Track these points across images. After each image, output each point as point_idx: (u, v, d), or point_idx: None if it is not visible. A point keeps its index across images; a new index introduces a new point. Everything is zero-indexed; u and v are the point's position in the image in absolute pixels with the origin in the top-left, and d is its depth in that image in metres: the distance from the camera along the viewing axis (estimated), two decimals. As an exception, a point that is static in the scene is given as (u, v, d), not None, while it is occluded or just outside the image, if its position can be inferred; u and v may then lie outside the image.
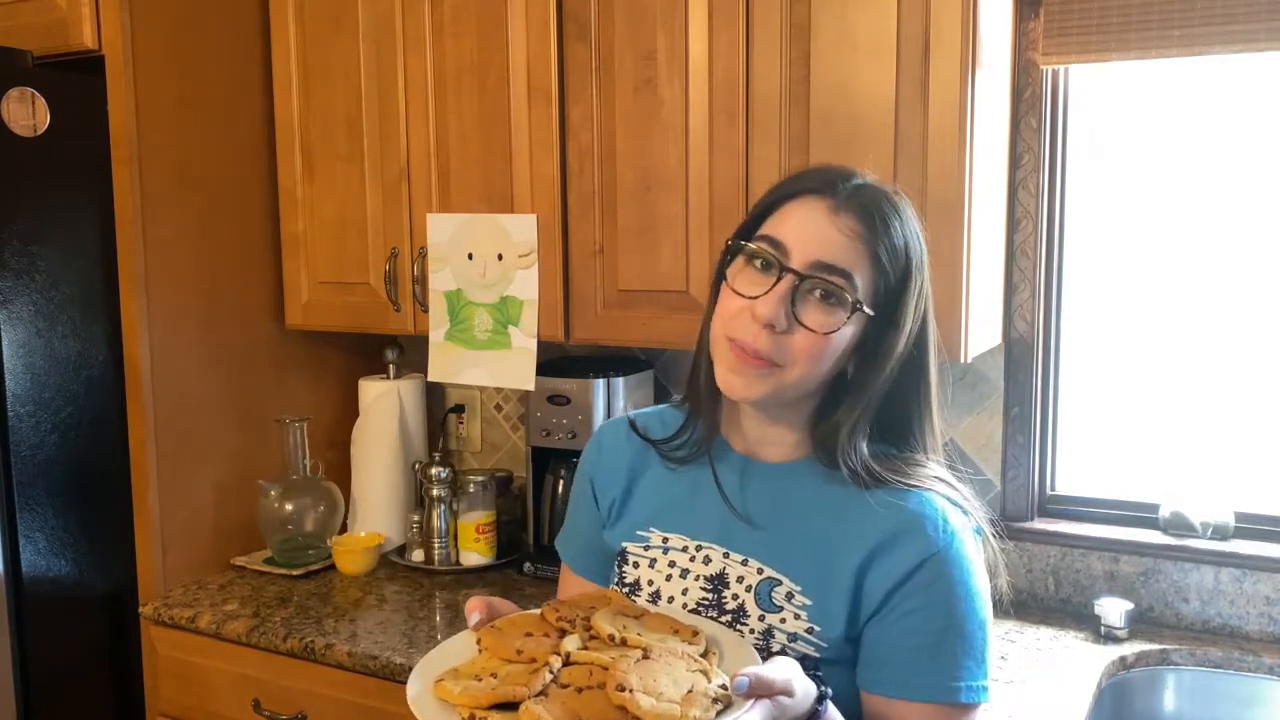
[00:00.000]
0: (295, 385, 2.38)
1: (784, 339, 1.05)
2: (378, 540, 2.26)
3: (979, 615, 1.06)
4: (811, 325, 1.04)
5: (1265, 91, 1.85)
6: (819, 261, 1.04)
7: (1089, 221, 2.00)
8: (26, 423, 1.95)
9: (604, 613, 1.04)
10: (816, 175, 1.10)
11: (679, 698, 0.90)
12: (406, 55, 2.07)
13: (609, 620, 1.02)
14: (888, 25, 1.66)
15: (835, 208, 1.05)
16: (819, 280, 1.04)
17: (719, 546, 1.13)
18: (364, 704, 1.85)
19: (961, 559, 1.06)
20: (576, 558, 1.30)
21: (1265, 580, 1.84)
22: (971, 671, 1.05)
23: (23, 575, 1.95)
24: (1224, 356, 1.94)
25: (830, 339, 1.05)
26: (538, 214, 1.97)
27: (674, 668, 0.93)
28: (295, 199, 2.24)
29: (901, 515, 1.07)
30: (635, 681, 0.90)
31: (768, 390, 1.07)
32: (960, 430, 2.04)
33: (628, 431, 1.25)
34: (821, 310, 1.05)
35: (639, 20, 1.84)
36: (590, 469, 1.28)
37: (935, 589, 1.04)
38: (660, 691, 0.89)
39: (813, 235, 1.05)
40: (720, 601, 1.11)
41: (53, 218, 1.97)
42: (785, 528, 1.11)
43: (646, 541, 1.19)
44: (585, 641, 1.00)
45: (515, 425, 2.47)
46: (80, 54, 2.00)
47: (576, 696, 0.91)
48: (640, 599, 1.16)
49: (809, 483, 1.12)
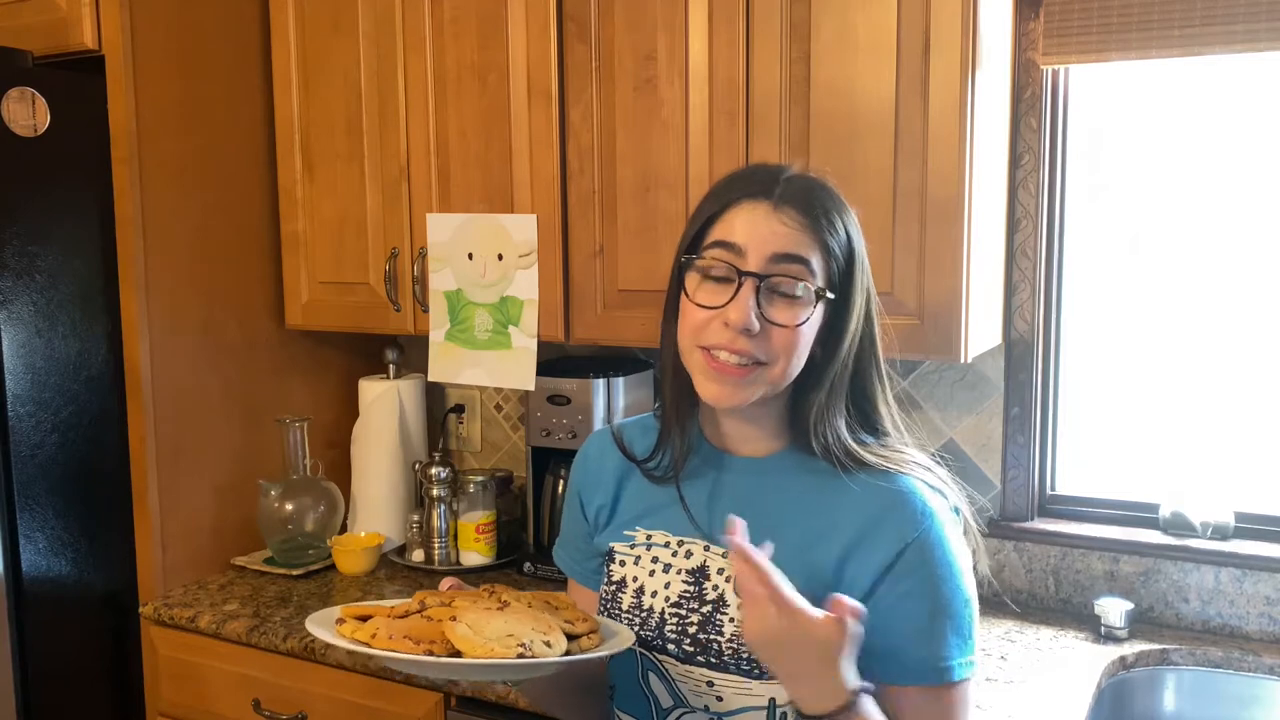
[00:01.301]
0: (295, 385, 2.38)
1: (759, 339, 1.07)
2: (378, 540, 2.26)
3: (963, 593, 1.08)
4: (783, 321, 1.08)
5: (1265, 91, 1.85)
6: (775, 255, 1.07)
7: (1089, 221, 2.00)
8: (26, 423, 1.95)
9: (529, 595, 1.12)
10: (748, 179, 1.13)
11: (497, 637, 1.00)
12: (406, 55, 2.07)
13: (518, 596, 1.11)
14: (888, 25, 1.66)
15: (775, 205, 1.09)
16: (780, 275, 1.07)
17: (700, 540, 1.16)
18: (364, 704, 1.85)
19: (942, 540, 1.08)
20: (572, 565, 1.34)
21: (1265, 580, 1.84)
22: (959, 648, 1.07)
23: (23, 575, 1.95)
24: (1224, 356, 1.94)
25: (802, 330, 1.08)
26: (538, 214, 1.97)
27: (516, 621, 1.03)
28: (295, 199, 2.24)
29: (881, 500, 1.09)
30: (468, 618, 1.02)
31: (756, 393, 1.10)
32: (960, 430, 2.04)
33: (612, 441, 1.28)
34: (787, 304, 1.08)
35: (639, 20, 1.84)
36: (578, 482, 1.32)
37: (920, 574, 1.07)
38: (484, 630, 1.01)
39: (763, 234, 1.08)
40: (701, 593, 1.14)
41: (53, 218, 1.97)
42: (765, 520, 1.12)
43: (632, 540, 1.22)
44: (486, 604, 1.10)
45: (515, 425, 2.47)
46: (80, 54, 2.00)
47: (420, 622, 1.04)
48: (626, 594, 1.20)
49: (787, 475, 1.15)
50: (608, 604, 1.22)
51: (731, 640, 1.10)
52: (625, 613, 1.19)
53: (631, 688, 1.19)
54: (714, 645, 1.11)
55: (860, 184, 1.68)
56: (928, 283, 1.68)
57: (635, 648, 1.16)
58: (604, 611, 1.22)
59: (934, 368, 2.04)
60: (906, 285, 1.69)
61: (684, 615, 1.14)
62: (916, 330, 1.69)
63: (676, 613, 1.15)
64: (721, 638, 1.11)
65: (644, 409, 2.13)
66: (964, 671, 1.07)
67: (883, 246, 1.69)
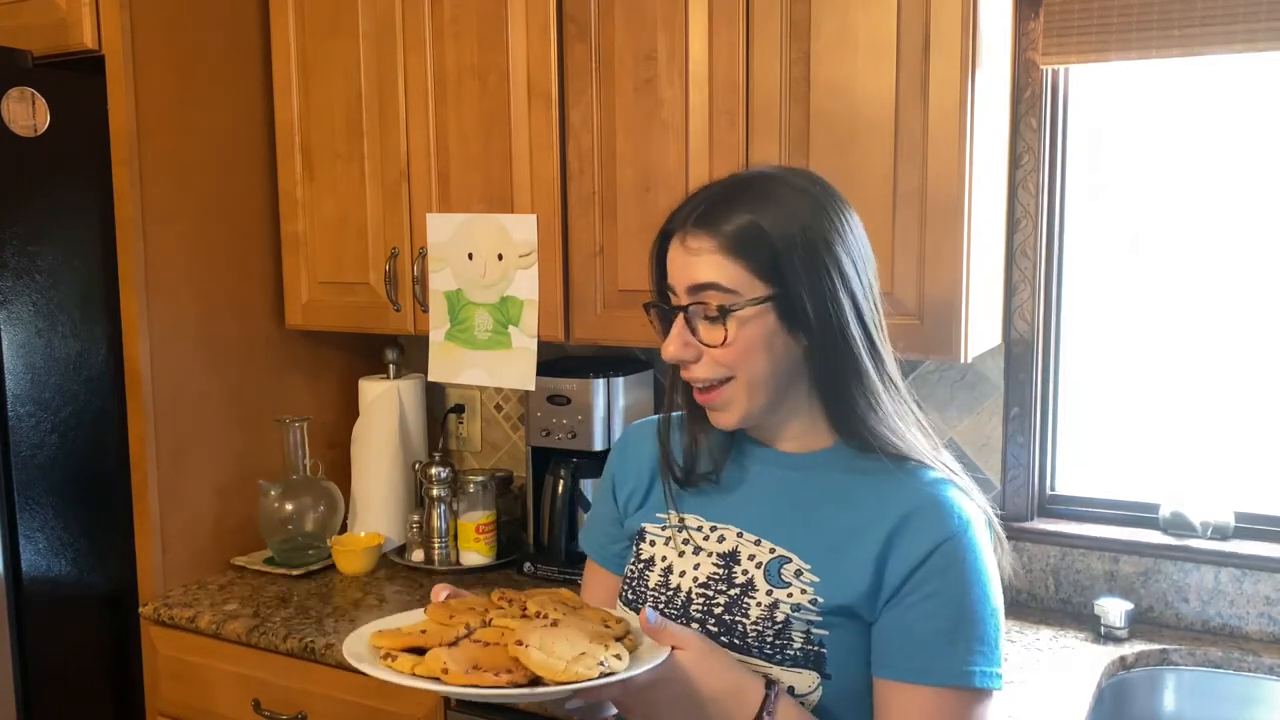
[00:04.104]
0: (295, 385, 2.38)
1: (710, 361, 1.12)
2: (378, 540, 2.26)
3: (991, 603, 1.09)
4: (711, 341, 1.11)
5: (1265, 91, 1.85)
6: (690, 286, 1.11)
7: (1089, 221, 2.00)
8: (26, 423, 1.95)
9: (543, 597, 1.11)
10: (670, 218, 1.16)
11: (570, 657, 0.97)
12: (406, 55, 2.07)
13: (541, 602, 1.09)
14: (888, 25, 1.66)
15: (682, 237, 1.13)
16: (694, 303, 1.11)
17: (734, 527, 1.18)
18: (364, 704, 1.85)
19: (975, 546, 1.09)
20: (597, 549, 1.36)
21: (1265, 580, 1.84)
22: (986, 658, 1.07)
23: (23, 575, 1.95)
24: (1224, 356, 1.94)
25: (739, 342, 1.10)
26: (538, 214, 1.97)
27: (575, 635, 1.01)
28: (295, 199, 2.24)
29: (918, 498, 1.10)
30: (534, 640, 0.99)
31: (740, 412, 1.14)
32: (960, 430, 2.04)
33: (655, 435, 1.29)
34: (709, 325, 1.11)
35: (639, 20, 1.84)
36: (614, 467, 1.35)
37: (950, 574, 1.07)
38: (554, 650, 0.98)
39: (678, 269, 1.13)
40: (730, 576, 1.15)
41: (53, 218, 1.97)
42: (799, 512, 1.15)
43: (664, 522, 1.24)
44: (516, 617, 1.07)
45: (515, 425, 2.47)
46: (80, 54, 2.00)
47: (481, 648, 1.00)
48: (654, 573, 1.21)
49: (827, 472, 1.16)
50: (634, 582, 1.23)
51: (757, 623, 1.11)
52: (651, 590, 1.20)
53: None
54: (738, 627, 1.12)
55: (860, 184, 1.69)
56: (927, 282, 1.68)
57: None
58: (629, 589, 1.23)
59: (934, 368, 2.04)
60: (906, 285, 1.69)
61: (711, 596, 1.15)
62: (916, 330, 1.69)
63: (704, 593, 1.16)
64: (747, 620, 1.12)
65: (644, 409, 2.14)
66: (987, 681, 1.06)
67: (883, 246, 1.68)
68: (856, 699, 1.10)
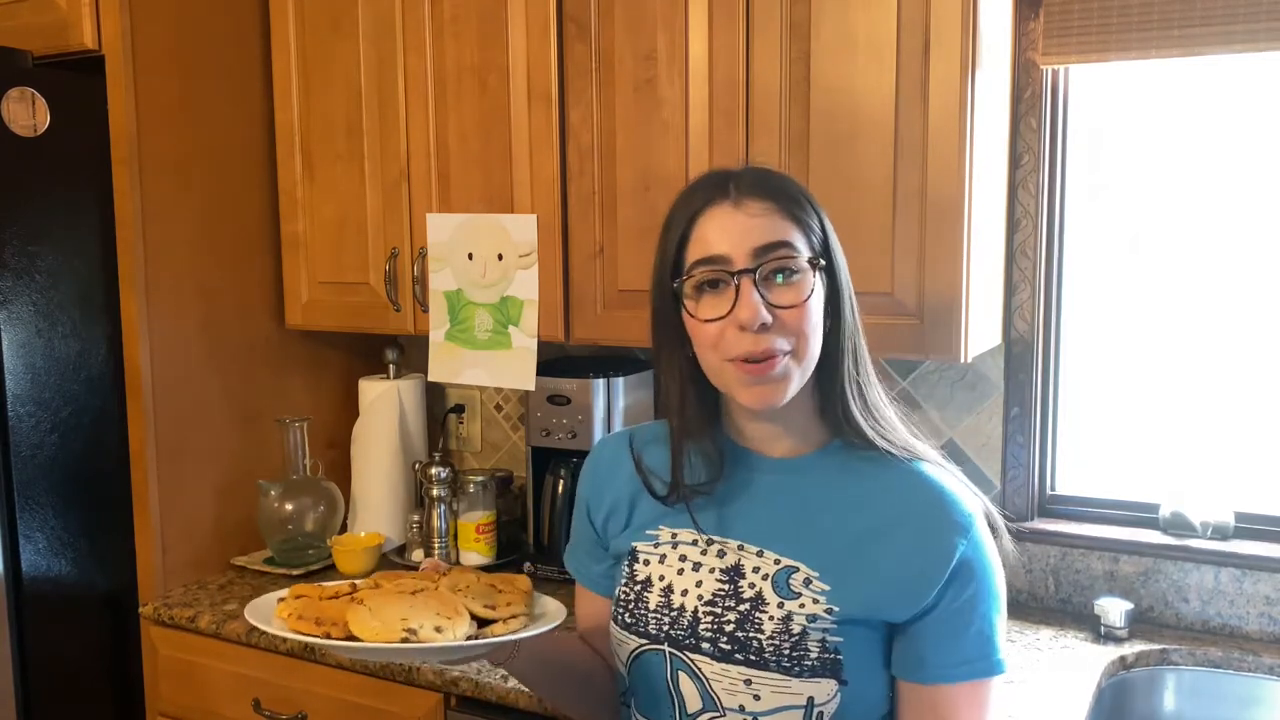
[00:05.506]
0: (295, 385, 2.38)
1: (776, 329, 1.08)
2: (378, 540, 2.25)
3: (999, 594, 1.12)
4: (789, 301, 1.09)
5: (1265, 91, 1.85)
6: (756, 248, 1.08)
7: (1089, 221, 2.00)
8: (26, 423, 1.95)
9: (469, 576, 1.17)
10: (703, 189, 1.14)
11: (393, 622, 1.04)
12: (406, 55, 2.07)
13: (454, 579, 1.15)
14: (888, 25, 1.66)
15: (736, 202, 1.11)
16: (769, 262, 1.08)
17: (732, 539, 1.16)
18: (364, 704, 1.85)
19: (984, 544, 1.11)
20: (580, 570, 1.34)
21: (1265, 580, 1.84)
22: (997, 645, 1.11)
23: (23, 575, 1.95)
24: (1224, 356, 1.94)
25: (810, 304, 1.09)
26: (538, 214, 1.97)
27: (421, 605, 1.07)
28: (295, 199, 2.24)
29: (923, 497, 1.11)
30: (373, 602, 1.07)
31: (791, 385, 1.10)
32: (960, 430, 2.04)
33: (628, 453, 1.26)
34: (787, 286, 1.09)
35: (639, 20, 1.84)
36: (585, 490, 1.32)
37: (978, 578, 1.10)
38: (382, 615, 1.05)
39: (737, 232, 1.09)
40: (737, 591, 1.13)
41: (53, 218, 1.97)
42: (800, 519, 1.14)
43: (655, 539, 1.20)
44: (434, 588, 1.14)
45: (515, 425, 2.47)
46: (80, 54, 2.00)
47: (334, 602, 1.09)
48: (653, 594, 1.18)
49: (823, 474, 1.16)
50: (631, 605, 1.19)
51: (773, 638, 1.09)
52: (653, 612, 1.17)
53: (656, 691, 1.17)
54: (753, 643, 1.10)
55: (860, 184, 1.69)
56: (927, 282, 1.68)
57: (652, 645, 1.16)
58: (626, 612, 1.19)
59: (934, 368, 2.04)
60: (906, 285, 1.69)
61: (719, 614, 1.13)
62: (916, 330, 1.69)
63: (711, 611, 1.13)
64: (761, 635, 1.10)
65: (644, 409, 2.14)
66: (1001, 667, 1.11)
67: (883, 246, 1.69)
68: (867, 702, 1.11)
